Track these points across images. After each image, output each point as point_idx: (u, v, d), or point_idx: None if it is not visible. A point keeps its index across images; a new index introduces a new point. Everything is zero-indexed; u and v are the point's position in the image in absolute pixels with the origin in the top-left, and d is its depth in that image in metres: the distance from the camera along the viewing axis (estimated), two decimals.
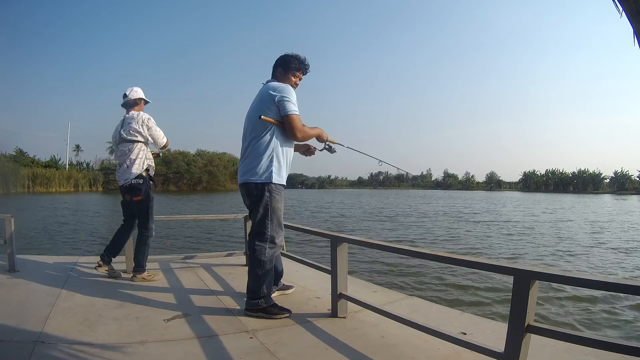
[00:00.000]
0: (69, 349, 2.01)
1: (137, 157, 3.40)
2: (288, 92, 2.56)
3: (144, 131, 3.42)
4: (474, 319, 2.68)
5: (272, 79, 2.75)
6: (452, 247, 10.02)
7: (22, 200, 28.04)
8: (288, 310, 2.62)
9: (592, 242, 10.90)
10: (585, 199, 47.07)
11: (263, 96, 2.61)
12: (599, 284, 1.51)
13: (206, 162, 60.56)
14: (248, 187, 2.59)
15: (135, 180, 3.37)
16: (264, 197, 2.56)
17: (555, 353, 1.97)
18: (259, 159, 2.55)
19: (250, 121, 2.64)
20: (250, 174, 2.57)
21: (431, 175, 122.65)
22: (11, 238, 3.59)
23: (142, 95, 3.55)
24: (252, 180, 2.56)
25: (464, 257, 2.09)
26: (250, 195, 2.60)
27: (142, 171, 3.40)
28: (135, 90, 3.53)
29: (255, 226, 2.63)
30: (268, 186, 2.56)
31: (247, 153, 2.62)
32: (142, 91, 3.57)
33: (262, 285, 2.59)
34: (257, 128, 2.57)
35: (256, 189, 2.57)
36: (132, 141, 3.41)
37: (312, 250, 8.38)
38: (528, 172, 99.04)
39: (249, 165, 2.59)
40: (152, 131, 3.46)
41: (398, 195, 53.61)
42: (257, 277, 2.58)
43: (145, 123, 3.43)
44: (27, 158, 49.01)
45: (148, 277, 3.40)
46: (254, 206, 2.60)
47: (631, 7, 1.20)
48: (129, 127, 3.41)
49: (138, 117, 3.44)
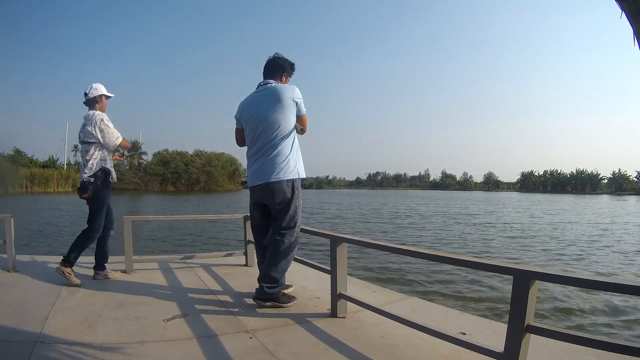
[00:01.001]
0: (68, 349, 2.01)
1: (91, 158, 3.35)
2: (301, 95, 2.78)
3: (96, 133, 3.35)
4: (473, 319, 2.69)
5: (274, 81, 2.85)
6: (456, 250, 10.00)
7: (20, 200, 27.96)
8: (294, 297, 2.87)
9: (601, 245, 10.66)
10: (585, 199, 47.20)
11: (281, 98, 2.71)
12: (599, 284, 1.52)
13: (204, 163, 60.57)
14: (279, 185, 2.67)
15: (87, 179, 3.33)
16: (294, 193, 2.72)
17: (555, 353, 1.98)
18: (287, 158, 2.69)
19: (266, 122, 2.71)
20: (281, 173, 2.67)
21: (429, 175, 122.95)
22: (11, 238, 3.58)
23: (102, 92, 3.47)
24: (282, 178, 2.67)
25: (464, 257, 2.10)
26: (281, 193, 2.69)
27: (94, 172, 3.35)
28: (94, 88, 3.45)
29: (287, 221, 2.75)
30: (296, 182, 2.73)
31: (267, 154, 2.70)
32: (103, 87, 3.49)
33: (284, 274, 2.79)
34: (280, 129, 2.69)
35: (288, 187, 2.69)
36: (89, 143, 3.37)
37: (311, 250, 8.38)
38: (526, 172, 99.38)
39: (275, 165, 2.68)
40: (104, 133, 3.37)
41: (396, 195, 53.65)
42: (281, 268, 2.74)
43: (98, 125, 3.35)
44: (25, 158, 48.91)
45: (68, 275, 3.17)
46: (284, 203, 2.71)
47: (631, 7, 1.21)
48: (85, 128, 3.37)
49: (92, 118, 3.37)
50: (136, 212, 21.74)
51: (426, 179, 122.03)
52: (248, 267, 4.00)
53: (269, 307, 2.73)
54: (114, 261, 3.69)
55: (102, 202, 3.41)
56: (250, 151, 2.82)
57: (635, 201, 44.35)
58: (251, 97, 2.86)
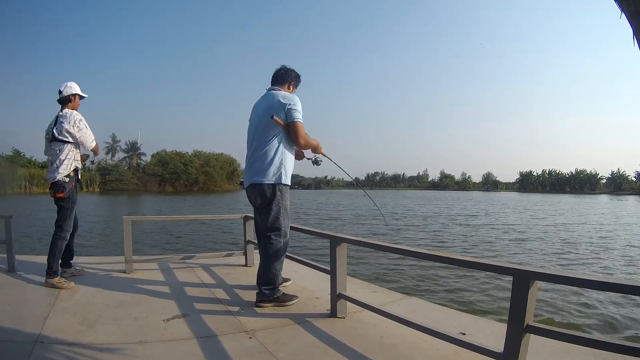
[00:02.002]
0: (68, 350, 2.01)
1: (66, 158, 3.32)
2: (297, 102, 2.80)
3: (74, 132, 3.32)
4: (473, 319, 2.69)
5: (278, 89, 2.92)
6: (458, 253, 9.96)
7: (19, 201, 27.91)
8: (295, 296, 2.91)
9: (612, 248, 10.39)
10: (585, 199, 47.20)
11: (272, 103, 2.79)
12: (599, 284, 1.52)
13: (203, 163, 60.51)
14: (261, 187, 2.78)
15: (63, 179, 3.31)
16: (276, 196, 2.78)
17: (554, 353, 1.98)
18: (270, 162, 2.76)
19: (258, 127, 2.83)
20: (262, 176, 2.76)
21: (427, 175, 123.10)
22: (10, 238, 3.57)
23: (76, 91, 3.45)
24: (264, 181, 2.76)
25: (464, 257, 2.10)
26: (262, 195, 2.79)
27: (69, 172, 3.34)
28: (69, 86, 3.41)
29: (270, 223, 2.81)
30: (279, 186, 2.78)
31: (256, 156, 2.81)
32: (77, 86, 3.46)
33: (278, 275, 2.82)
34: (266, 133, 2.79)
35: (269, 189, 2.77)
36: (63, 141, 3.32)
37: (311, 250, 8.38)
38: (525, 172, 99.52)
39: (260, 168, 2.78)
40: (82, 133, 3.36)
41: (396, 196, 53.65)
42: (274, 269, 2.80)
43: (77, 124, 3.33)
44: (23, 159, 48.84)
45: (59, 284, 3.12)
46: (266, 205, 2.80)
47: (630, 7, 1.21)
48: (61, 126, 3.31)
49: (70, 116, 3.33)
50: (135, 212, 21.73)
51: (425, 179, 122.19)
52: (248, 267, 4.00)
53: (271, 306, 2.77)
54: (113, 261, 3.69)
55: (74, 202, 3.41)
56: (247, 154, 2.94)
57: (634, 201, 44.40)
58: (258, 100, 2.98)
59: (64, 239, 3.32)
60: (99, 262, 4.13)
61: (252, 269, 3.84)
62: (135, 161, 60.21)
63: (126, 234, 3.69)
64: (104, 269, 3.79)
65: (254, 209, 2.98)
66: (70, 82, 3.44)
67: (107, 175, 51.94)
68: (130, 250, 3.69)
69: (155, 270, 3.82)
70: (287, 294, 2.89)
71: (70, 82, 3.44)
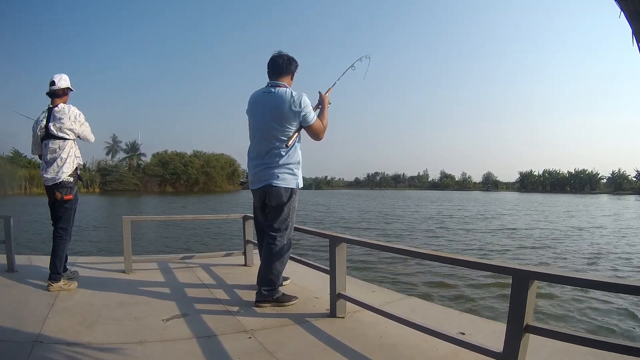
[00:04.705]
0: (67, 350, 2.01)
1: (68, 156, 3.17)
2: (307, 104, 2.76)
3: (76, 128, 3.19)
4: (472, 319, 2.69)
5: (283, 85, 2.83)
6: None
7: (19, 201, 27.92)
8: (295, 296, 2.88)
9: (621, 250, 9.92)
10: (585, 199, 47.09)
11: (282, 109, 2.72)
12: (598, 284, 1.52)
13: (203, 163, 60.45)
14: (279, 190, 2.76)
15: (67, 179, 3.18)
16: (291, 199, 2.81)
17: (554, 353, 1.98)
18: (288, 166, 2.77)
19: (270, 129, 2.75)
20: (279, 179, 2.75)
21: (428, 175, 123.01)
22: (10, 238, 3.57)
23: (69, 84, 3.28)
24: (281, 185, 2.76)
25: (464, 257, 2.10)
26: (278, 197, 2.78)
27: (72, 170, 3.22)
28: (63, 79, 3.24)
29: (278, 224, 2.81)
30: (295, 190, 2.83)
31: (265, 160, 2.78)
32: (69, 79, 3.31)
33: (279, 277, 2.82)
34: (281, 136, 2.74)
35: (286, 193, 2.78)
36: (64, 138, 3.16)
37: (311, 250, 8.38)
38: (525, 172, 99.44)
39: (277, 171, 2.76)
40: (84, 127, 3.25)
41: (397, 196, 53.55)
42: (276, 270, 2.79)
43: (78, 119, 3.20)
44: (23, 159, 48.68)
45: (65, 287, 3.05)
46: (279, 207, 2.79)
47: (629, 7, 1.21)
48: (60, 122, 3.13)
49: (69, 112, 3.17)
50: (135, 212, 21.72)
51: (425, 179, 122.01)
52: (247, 267, 4.00)
53: (270, 306, 2.76)
54: (113, 261, 3.68)
55: (77, 202, 3.32)
56: (251, 153, 2.90)
57: (634, 200, 44.36)
58: (260, 95, 2.85)
59: (66, 241, 3.27)
60: (98, 262, 4.13)
61: (252, 268, 3.84)
62: (135, 161, 60.16)
63: (126, 234, 3.68)
64: (104, 269, 3.79)
65: (258, 209, 2.95)
66: (63, 74, 3.28)
67: (107, 176, 51.87)
68: (129, 250, 3.68)
69: (155, 270, 3.82)
70: (286, 295, 2.88)
71: (63, 74, 3.28)
